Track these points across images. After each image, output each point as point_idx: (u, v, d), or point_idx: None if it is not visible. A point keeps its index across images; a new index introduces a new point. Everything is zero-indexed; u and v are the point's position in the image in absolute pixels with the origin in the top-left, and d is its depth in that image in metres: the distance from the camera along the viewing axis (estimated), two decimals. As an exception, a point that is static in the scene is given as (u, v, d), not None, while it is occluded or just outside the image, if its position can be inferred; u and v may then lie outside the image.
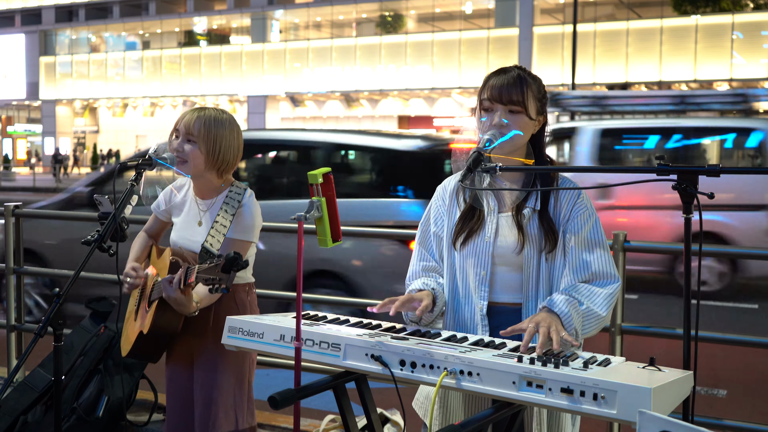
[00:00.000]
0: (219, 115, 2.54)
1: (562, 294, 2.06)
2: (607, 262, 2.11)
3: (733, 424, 3.08)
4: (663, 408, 1.59)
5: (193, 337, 2.59)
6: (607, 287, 2.10)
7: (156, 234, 2.81)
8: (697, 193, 1.82)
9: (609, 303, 2.08)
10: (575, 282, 2.10)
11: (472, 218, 2.19)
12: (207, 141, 2.49)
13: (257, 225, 2.59)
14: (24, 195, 26.27)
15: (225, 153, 2.53)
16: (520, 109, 2.11)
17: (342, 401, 2.02)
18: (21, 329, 4.49)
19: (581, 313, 2.03)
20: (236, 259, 2.16)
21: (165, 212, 2.73)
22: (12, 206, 4.47)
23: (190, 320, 2.54)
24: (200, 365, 2.59)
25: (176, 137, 2.54)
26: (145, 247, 2.76)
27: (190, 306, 2.40)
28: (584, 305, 2.04)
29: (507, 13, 32.74)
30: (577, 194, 2.15)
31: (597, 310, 2.05)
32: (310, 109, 40.52)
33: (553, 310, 2.01)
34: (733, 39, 28.70)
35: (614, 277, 2.12)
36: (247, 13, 38.83)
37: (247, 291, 2.66)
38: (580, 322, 2.02)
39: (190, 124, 2.50)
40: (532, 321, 1.95)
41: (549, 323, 1.93)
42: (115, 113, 45.84)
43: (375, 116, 39.86)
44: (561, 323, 1.98)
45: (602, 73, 30.67)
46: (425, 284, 2.22)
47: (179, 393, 2.67)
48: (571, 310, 2.00)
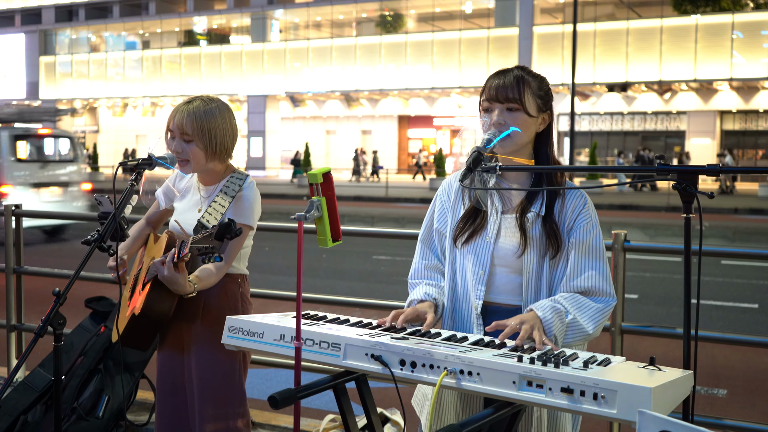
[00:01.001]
0: (207, 106, 2.55)
1: (552, 301, 2.06)
2: (605, 278, 2.11)
3: (733, 423, 3.08)
4: (663, 408, 1.59)
5: (184, 326, 2.60)
6: (601, 303, 2.10)
7: (156, 221, 2.82)
8: (697, 193, 1.82)
9: (598, 319, 2.08)
10: (571, 291, 2.10)
11: (475, 218, 2.19)
12: (203, 136, 2.51)
13: (256, 211, 2.60)
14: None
15: (222, 141, 2.56)
16: (518, 107, 2.11)
17: (342, 401, 2.02)
18: (21, 329, 4.49)
19: (565, 323, 2.03)
20: (230, 226, 2.15)
21: (167, 199, 2.75)
22: (12, 206, 4.47)
23: (181, 307, 2.54)
24: (191, 352, 2.60)
25: (171, 137, 2.56)
26: (140, 236, 2.77)
27: (185, 285, 2.38)
28: (571, 316, 2.04)
29: (507, 12, 32.73)
30: (583, 203, 2.15)
31: (583, 324, 2.05)
32: (310, 108, 40.50)
33: (537, 314, 2.02)
34: (733, 38, 28.70)
35: (610, 295, 2.12)
36: (247, 12, 38.82)
37: (239, 282, 2.67)
38: (561, 331, 2.02)
39: (182, 123, 2.51)
40: (518, 319, 1.97)
41: (533, 324, 1.95)
42: (115, 113, 45.83)
43: (375, 116, 39.85)
44: (543, 328, 1.99)
45: (602, 73, 30.67)
46: (427, 294, 2.22)
47: (170, 379, 2.68)
48: (554, 318, 2.00)
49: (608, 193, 24.72)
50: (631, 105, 33.52)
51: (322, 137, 41.85)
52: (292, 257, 10.78)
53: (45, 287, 7.80)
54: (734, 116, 32.99)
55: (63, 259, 10.85)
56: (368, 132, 40.88)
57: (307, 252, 11.18)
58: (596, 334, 2.10)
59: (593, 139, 31.95)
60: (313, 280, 9.17)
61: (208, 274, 2.50)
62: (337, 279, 9.43)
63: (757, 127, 32.94)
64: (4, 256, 4.46)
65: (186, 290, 2.41)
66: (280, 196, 24.43)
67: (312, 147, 32.36)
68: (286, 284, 8.51)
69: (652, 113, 33.76)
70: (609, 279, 2.12)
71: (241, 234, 2.25)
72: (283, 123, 40.64)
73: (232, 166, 2.67)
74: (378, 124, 40.49)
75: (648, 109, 33.44)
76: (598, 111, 34.30)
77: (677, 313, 7.46)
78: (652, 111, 33.46)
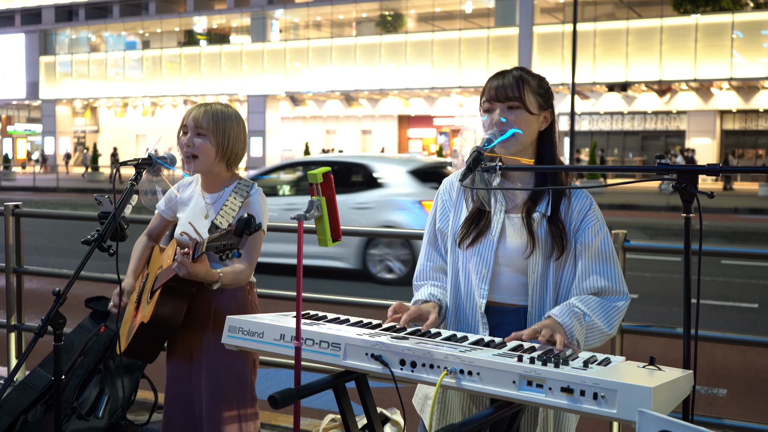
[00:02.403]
0: (225, 109, 2.60)
1: (568, 305, 2.05)
2: (618, 278, 2.11)
3: (733, 423, 3.08)
4: (663, 407, 1.59)
5: (194, 335, 2.60)
6: (617, 302, 2.10)
7: (158, 235, 2.82)
8: (698, 192, 1.82)
9: (616, 319, 2.08)
10: (584, 293, 2.10)
11: (479, 221, 2.18)
12: (216, 133, 2.55)
13: (266, 215, 2.61)
14: (24, 195, 26.29)
15: (234, 145, 2.59)
16: (518, 105, 2.11)
17: (342, 401, 2.02)
18: (21, 329, 4.49)
19: (585, 326, 2.03)
20: (250, 221, 2.15)
21: (169, 210, 2.74)
22: (12, 206, 4.47)
23: (191, 316, 2.54)
24: (202, 363, 2.59)
25: (184, 133, 2.58)
26: (143, 256, 2.77)
27: (208, 272, 2.36)
28: (589, 318, 2.04)
29: (507, 12, 32.73)
30: (589, 205, 2.14)
31: (601, 325, 2.05)
32: (310, 108, 40.50)
33: (557, 320, 2.01)
34: (733, 38, 28.71)
35: (624, 294, 2.12)
36: (247, 12, 38.83)
37: (248, 290, 2.67)
38: (582, 334, 2.02)
39: (199, 118, 2.55)
40: (539, 326, 1.96)
41: (553, 330, 1.94)
42: (116, 113, 45.85)
43: (375, 116, 39.85)
44: (564, 332, 1.98)
45: (602, 73, 30.68)
46: (431, 295, 2.22)
47: (180, 391, 2.67)
48: (574, 321, 2.00)
49: (608, 193, 24.72)
50: (631, 105, 33.53)
51: (322, 137, 41.86)
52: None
53: (45, 287, 7.81)
54: (734, 116, 33.00)
55: (63, 259, 10.85)
56: (368, 132, 40.89)
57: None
58: (614, 333, 2.11)
59: (593, 138, 31.96)
60: (313, 281, 9.17)
61: (233, 270, 2.49)
62: (337, 279, 9.42)
63: (757, 126, 32.95)
64: (4, 256, 4.46)
65: (212, 277, 2.38)
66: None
67: (312, 147, 32.35)
68: (286, 284, 8.51)
69: (652, 113, 33.77)
70: (621, 277, 2.12)
71: (260, 230, 2.25)
72: (283, 123, 40.64)
73: (238, 174, 2.68)
74: (378, 124, 40.50)
75: (648, 109, 33.45)
76: (598, 111, 34.31)
77: (677, 313, 7.46)
78: (652, 111, 33.47)
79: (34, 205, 19.73)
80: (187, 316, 2.54)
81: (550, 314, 2.03)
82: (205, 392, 2.57)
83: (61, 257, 11.09)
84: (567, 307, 2.04)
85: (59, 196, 25.49)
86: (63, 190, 27.92)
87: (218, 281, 2.41)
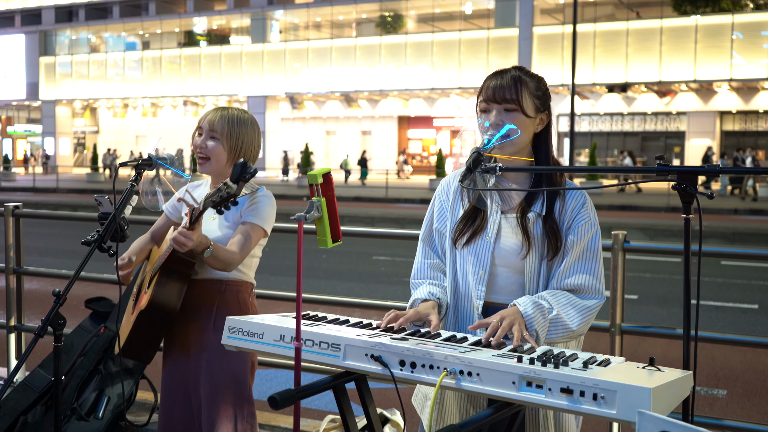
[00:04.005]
0: (241, 114, 2.63)
1: (537, 296, 2.06)
2: (596, 277, 2.11)
3: (733, 424, 3.08)
4: (663, 408, 1.59)
5: (193, 334, 2.59)
6: (588, 301, 2.10)
7: (161, 236, 2.81)
8: (697, 193, 1.82)
9: (584, 316, 2.08)
10: (559, 287, 2.10)
11: (475, 219, 2.18)
12: (230, 138, 2.57)
13: (271, 215, 2.60)
14: (24, 195, 26.29)
15: (246, 150, 2.61)
16: (515, 107, 2.11)
17: (342, 401, 2.02)
18: (21, 329, 4.49)
19: (548, 319, 2.03)
20: (245, 165, 2.15)
21: (175, 210, 2.74)
22: (12, 206, 4.48)
23: (191, 315, 2.53)
24: (201, 363, 2.59)
25: (199, 135, 2.61)
26: (144, 248, 2.76)
27: (202, 237, 2.33)
28: (554, 312, 2.04)
29: (507, 13, 32.73)
30: (582, 203, 2.15)
31: (567, 321, 2.05)
32: (309, 109, 40.50)
33: (519, 309, 2.02)
34: (733, 39, 28.70)
35: (599, 293, 2.12)
36: (247, 13, 38.83)
37: (249, 292, 2.67)
38: (543, 326, 2.02)
39: (214, 121, 2.58)
40: (500, 316, 1.98)
41: (513, 320, 1.96)
42: (115, 113, 45.83)
43: (375, 117, 39.84)
44: (524, 322, 1.99)
45: (602, 74, 30.67)
46: (431, 293, 2.21)
47: (177, 390, 2.66)
48: (536, 313, 2.00)
49: (608, 194, 24.72)
50: (631, 105, 33.52)
51: (322, 138, 41.85)
52: (291, 257, 10.77)
53: (45, 288, 7.80)
54: (734, 117, 33.00)
55: (63, 259, 10.86)
56: (368, 132, 40.88)
57: (307, 252, 11.19)
58: (581, 331, 2.10)
59: (593, 139, 31.96)
60: (313, 281, 9.17)
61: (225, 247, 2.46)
62: (337, 279, 9.43)
63: (757, 127, 32.93)
64: (4, 257, 4.46)
65: (205, 242, 2.35)
66: (279, 196, 24.40)
67: (312, 148, 32.34)
68: (286, 284, 8.51)
69: (651, 114, 33.76)
70: (600, 278, 2.13)
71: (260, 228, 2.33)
72: (282, 123, 40.63)
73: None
74: (378, 125, 40.48)
75: (648, 110, 33.44)
76: (598, 111, 34.31)
77: (677, 314, 7.46)
78: (652, 111, 33.46)
79: (34, 206, 19.72)
80: (188, 314, 2.53)
81: (515, 302, 2.05)
82: (204, 392, 2.57)
83: (61, 258, 11.10)
84: (534, 298, 2.05)
85: (59, 197, 25.49)
86: (63, 191, 27.93)
87: (209, 247, 2.38)
